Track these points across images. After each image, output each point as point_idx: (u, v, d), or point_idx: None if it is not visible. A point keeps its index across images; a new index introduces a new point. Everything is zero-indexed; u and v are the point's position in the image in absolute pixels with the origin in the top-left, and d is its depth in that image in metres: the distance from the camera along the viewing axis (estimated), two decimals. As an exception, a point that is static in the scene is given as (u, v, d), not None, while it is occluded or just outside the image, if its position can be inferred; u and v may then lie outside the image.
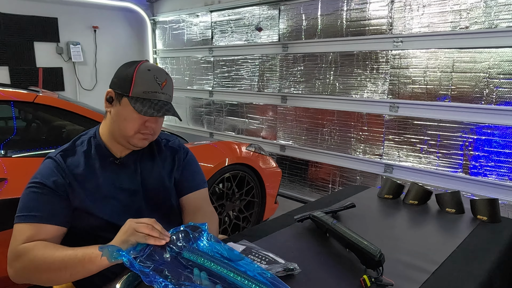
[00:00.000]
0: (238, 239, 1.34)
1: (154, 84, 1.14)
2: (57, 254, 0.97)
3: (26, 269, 0.99)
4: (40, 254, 0.99)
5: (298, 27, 3.81)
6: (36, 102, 2.19)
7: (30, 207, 1.09)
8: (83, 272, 0.96)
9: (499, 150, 2.67)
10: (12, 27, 4.71)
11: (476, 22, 2.67)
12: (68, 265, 0.95)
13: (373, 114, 3.33)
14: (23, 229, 1.06)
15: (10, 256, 1.03)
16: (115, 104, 1.18)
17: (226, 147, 2.86)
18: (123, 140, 1.19)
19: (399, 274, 1.13)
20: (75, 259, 0.95)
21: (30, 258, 0.99)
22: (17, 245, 1.03)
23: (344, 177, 3.64)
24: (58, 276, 0.97)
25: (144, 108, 1.12)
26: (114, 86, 1.18)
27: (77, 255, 0.95)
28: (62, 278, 0.98)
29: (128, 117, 1.14)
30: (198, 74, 5.15)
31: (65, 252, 0.98)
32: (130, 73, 1.15)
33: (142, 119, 1.15)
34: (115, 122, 1.18)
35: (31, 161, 2.13)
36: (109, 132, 1.21)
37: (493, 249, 1.32)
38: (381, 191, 1.90)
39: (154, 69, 1.17)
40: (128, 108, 1.14)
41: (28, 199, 1.11)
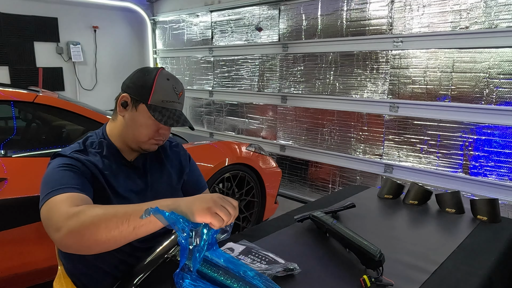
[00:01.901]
0: (238, 239, 1.34)
1: (173, 94, 1.16)
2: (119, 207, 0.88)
3: (82, 225, 0.86)
4: (98, 209, 0.89)
5: (298, 27, 3.81)
6: (36, 102, 2.19)
7: (65, 182, 1.02)
8: (148, 227, 0.86)
9: (499, 150, 2.67)
10: (12, 27, 4.71)
11: (476, 22, 2.67)
12: (132, 217, 0.85)
13: (373, 114, 3.33)
14: (65, 198, 0.97)
15: (59, 219, 0.90)
16: (130, 109, 1.17)
17: (226, 147, 2.86)
18: (134, 145, 1.20)
19: (399, 274, 1.13)
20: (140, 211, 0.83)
21: (88, 214, 0.87)
22: (66, 208, 0.92)
23: (344, 177, 3.64)
24: (119, 230, 0.84)
25: (164, 118, 1.13)
26: (131, 91, 1.17)
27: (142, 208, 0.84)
28: (123, 233, 0.85)
29: (144, 123, 1.16)
30: (198, 74, 5.15)
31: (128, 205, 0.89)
32: (149, 80, 1.15)
33: (157, 127, 1.17)
34: (130, 127, 1.18)
35: (31, 161, 2.13)
36: (119, 135, 1.21)
37: (493, 249, 1.32)
38: (381, 191, 1.89)
39: (172, 78, 1.19)
40: (145, 115, 1.15)
41: (60, 176, 1.05)
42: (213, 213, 0.84)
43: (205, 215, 0.84)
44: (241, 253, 1.22)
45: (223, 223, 0.86)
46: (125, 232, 0.85)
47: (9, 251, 1.98)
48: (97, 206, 0.91)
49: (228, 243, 1.29)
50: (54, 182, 1.03)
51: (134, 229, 0.85)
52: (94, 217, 0.86)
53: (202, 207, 0.85)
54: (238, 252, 1.23)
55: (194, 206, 0.85)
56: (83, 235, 0.86)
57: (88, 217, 0.87)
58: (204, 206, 0.85)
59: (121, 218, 0.85)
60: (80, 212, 0.89)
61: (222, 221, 0.86)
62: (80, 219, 0.87)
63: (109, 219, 0.85)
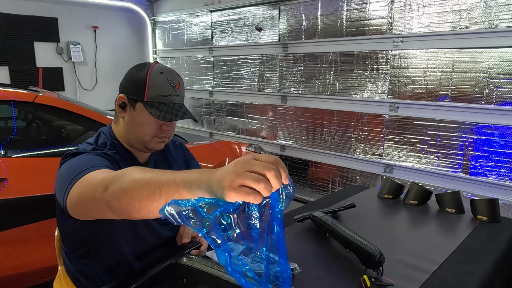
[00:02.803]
0: (238, 239, 1.34)
1: (168, 87, 1.13)
2: (156, 173, 0.75)
3: (121, 188, 0.77)
4: (137, 172, 0.78)
5: (298, 27, 3.81)
6: (36, 102, 2.20)
7: (91, 164, 0.96)
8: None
9: (499, 150, 2.67)
10: (12, 27, 4.71)
11: (476, 22, 2.67)
12: (164, 188, 0.71)
13: (373, 114, 3.33)
14: (101, 171, 0.90)
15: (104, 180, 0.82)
16: (128, 109, 1.15)
17: (226, 147, 2.86)
18: (139, 145, 1.17)
19: (399, 274, 1.13)
20: (173, 183, 0.70)
21: (128, 176, 0.78)
22: (106, 174, 0.85)
23: (344, 177, 3.63)
24: (150, 200, 0.72)
25: (162, 113, 1.10)
26: (126, 91, 1.15)
27: (176, 179, 0.70)
28: (154, 204, 0.72)
29: (144, 122, 1.13)
30: (198, 74, 5.15)
31: (165, 172, 0.75)
32: (142, 77, 1.12)
33: (158, 123, 1.14)
34: (131, 128, 1.15)
35: (31, 161, 2.13)
36: (124, 137, 1.19)
37: (493, 249, 1.32)
38: (381, 191, 1.89)
39: (167, 71, 1.15)
40: (144, 113, 1.12)
41: (86, 159, 0.99)
42: (239, 188, 0.60)
43: (229, 193, 0.60)
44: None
45: (261, 194, 0.60)
46: (157, 204, 0.72)
47: (9, 251, 1.98)
48: (137, 169, 0.80)
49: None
50: (81, 165, 0.95)
51: (166, 202, 0.71)
52: (132, 180, 0.77)
53: (224, 185, 0.61)
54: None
55: (219, 185, 0.62)
56: (120, 198, 0.77)
57: (127, 180, 0.77)
58: (226, 183, 0.60)
59: (153, 187, 0.72)
60: (122, 174, 0.80)
61: (256, 193, 0.60)
62: (121, 181, 0.79)
63: (143, 186, 0.74)
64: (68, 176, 0.94)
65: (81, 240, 1.12)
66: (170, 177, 0.71)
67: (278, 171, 0.61)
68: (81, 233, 1.10)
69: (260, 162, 0.61)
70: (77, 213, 0.93)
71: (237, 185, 0.59)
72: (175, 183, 0.69)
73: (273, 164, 0.61)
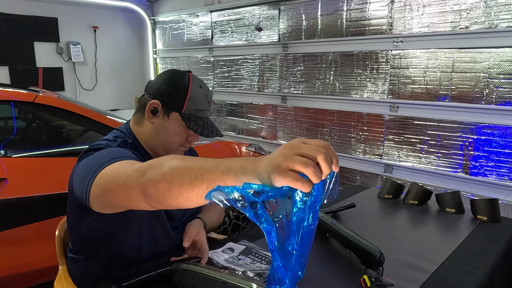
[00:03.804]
0: (238, 239, 1.34)
1: (205, 102, 1.15)
2: (197, 160, 0.73)
3: (161, 174, 0.74)
4: (178, 158, 0.76)
5: (298, 27, 3.81)
6: (36, 102, 2.19)
7: (122, 154, 0.94)
8: None
9: (499, 150, 2.67)
10: (12, 27, 4.71)
11: (476, 22, 2.67)
12: (206, 174, 0.68)
13: (373, 114, 3.33)
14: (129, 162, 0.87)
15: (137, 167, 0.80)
16: (162, 117, 1.14)
17: (226, 147, 2.86)
18: (162, 151, 1.17)
19: (399, 274, 1.13)
20: (216, 169, 0.67)
21: (167, 163, 0.75)
22: (140, 164, 0.82)
23: (344, 177, 3.64)
24: (191, 186, 0.69)
25: (199, 128, 1.12)
26: (162, 98, 1.13)
27: (219, 166, 0.67)
28: (195, 191, 0.69)
29: (176, 132, 1.14)
30: (198, 74, 5.15)
31: (207, 159, 0.72)
32: (183, 88, 1.12)
33: (187, 134, 1.16)
34: (160, 134, 1.15)
35: (31, 161, 2.13)
36: (147, 141, 1.18)
37: (493, 249, 1.32)
38: (381, 191, 1.89)
39: (204, 85, 1.18)
40: (178, 123, 1.13)
41: (113, 150, 0.98)
42: (286, 172, 0.56)
43: (278, 177, 0.56)
44: (241, 253, 1.22)
45: (311, 180, 0.56)
46: (197, 190, 0.69)
47: (9, 251, 1.98)
48: (177, 156, 0.78)
49: (228, 243, 1.29)
50: (109, 155, 0.92)
51: (207, 189, 0.67)
52: (172, 166, 0.74)
53: (272, 169, 0.57)
54: (238, 252, 1.23)
55: (265, 170, 0.59)
56: (158, 184, 0.73)
57: (166, 166, 0.75)
58: (273, 166, 0.57)
59: (195, 173, 0.69)
60: (161, 161, 0.77)
61: (304, 180, 0.56)
62: (160, 167, 0.75)
63: (184, 172, 0.71)
64: (94, 165, 0.91)
65: (94, 242, 1.11)
66: (213, 164, 0.69)
67: (328, 155, 0.57)
68: (97, 233, 1.08)
69: (310, 145, 0.58)
70: (101, 203, 0.89)
71: (284, 168, 0.56)
72: (219, 169, 0.66)
73: (324, 147, 0.58)
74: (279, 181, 0.57)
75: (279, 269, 0.65)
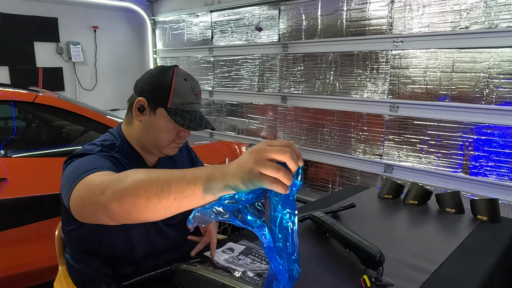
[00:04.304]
0: (238, 239, 1.34)
1: (191, 95, 1.12)
2: (163, 172, 0.73)
3: (124, 188, 0.75)
4: (142, 172, 0.76)
5: (298, 27, 3.81)
6: (36, 102, 2.19)
7: (97, 165, 0.95)
8: (192, 200, 0.68)
9: (499, 150, 2.67)
10: (12, 27, 4.71)
11: (476, 22, 2.67)
12: (173, 185, 0.68)
13: (373, 114, 3.33)
14: (103, 172, 0.89)
15: (103, 183, 0.80)
16: (147, 113, 1.12)
17: (226, 147, 2.86)
18: (154, 150, 1.16)
19: (399, 274, 1.13)
20: (183, 179, 0.68)
21: (131, 177, 0.76)
22: (107, 176, 0.84)
23: (344, 177, 3.63)
24: (158, 198, 0.70)
25: (186, 121, 1.09)
26: (147, 95, 1.12)
27: (186, 175, 0.68)
28: (163, 203, 0.70)
29: (164, 128, 1.11)
30: (198, 74, 5.15)
31: (173, 170, 0.73)
32: (167, 82, 1.10)
33: (177, 130, 1.13)
34: (149, 132, 1.13)
35: (31, 161, 2.13)
36: (138, 140, 1.16)
37: (493, 249, 1.32)
38: (381, 191, 1.89)
39: (190, 78, 1.14)
40: (165, 119, 1.10)
41: (90, 160, 0.99)
42: (260, 176, 0.59)
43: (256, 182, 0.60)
44: (241, 253, 1.22)
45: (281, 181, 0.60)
46: (165, 202, 0.69)
47: (9, 251, 1.98)
48: (141, 170, 0.79)
49: (228, 243, 1.29)
50: (85, 166, 0.93)
51: (175, 200, 0.69)
52: (136, 180, 0.74)
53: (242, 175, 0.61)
54: (238, 252, 1.23)
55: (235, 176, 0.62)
56: (122, 198, 0.74)
57: (130, 180, 0.75)
58: (245, 171, 0.60)
59: (162, 184, 0.69)
60: (124, 175, 0.78)
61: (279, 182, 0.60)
62: (123, 182, 0.76)
63: (150, 184, 0.71)
64: (71, 177, 0.92)
65: (87, 245, 1.12)
66: (179, 174, 0.69)
67: (293, 153, 0.61)
68: (88, 238, 1.09)
69: (275, 147, 0.61)
70: (79, 216, 0.91)
71: (257, 173, 0.59)
72: (186, 179, 0.67)
73: (288, 146, 0.62)
74: (255, 185, 0.60)
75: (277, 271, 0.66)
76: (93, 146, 1.11)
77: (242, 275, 1.04)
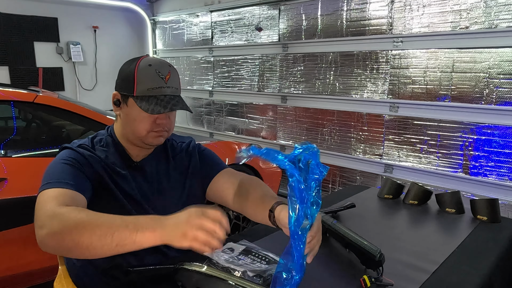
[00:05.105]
0: (238, 239, 1.34)
1: (157, 79, 1.10)
2: (105, 218, 0.84)
3: (65, 227, 0.83)
4: (84, 214, 0.86)
5: (298, 27, 3.81)
6: (36, 102, 2.20)
7: (62, 177, 1.02)
8: (132, 247, 0.81)
9: (499, 150, 2.67)
10: (12, 27, 4.71)
11: (476, 22, 2.67)
12: (116, 232, 0.80)
13: (373, 114, 3.33)
14: (56, 194, 0.96)
15: (43, 217, 0.89)
16: (122, 106, 1.15)
17: (226, 147, 2.86)
18: (138, 141, 1.16)
19: (399, 274, 1.13)
20: (125, 228, 0.80)
21: (72, 217, 0.85)
22: (53, 207, 0.90)
23: (344, 177, 3.64)
24: (100, 243, 0.81)
25: (151, 106, 1.08)
26: (118, 88, 1.15)
27: (128, 225, 0.81)
28: (104, 248, 0.81)
29: (138, 117, 1.11)
30: (198, 74, 5.15)
31: (115, 217, 0.84)
32: (131, 72, 1.11)
33: (152, 117, 1.12)
34: (127, 124, 1.15)
35: (31, 161, 2.13)
36: (122, 134, 1.19)
37: (493, 249, 1.32)
38: (381, 191, 1.89)
39: (155, 63, 1.13)
40: (135, 108, 1.10)
41: (59, 170, 1.05)
42: (191, 239, 0.80)
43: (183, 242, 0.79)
44: (241, 253, 1.22)
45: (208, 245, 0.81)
46: (106, 247, 0.81)
47: (9, 251, 1.98)
48: (84, 210, 0.89)
49: (228, 243, 1.29)
50: (52, 175, 1.04)
51: (116, 246, 0.81)
52: (78, 221, 0.83)
53: (177, 234, 0.80)
54: (238, 252, 1.23)
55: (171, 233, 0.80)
56: (63, 238, 0.83)
57: (71, 221, 0.84)
58: (179, 232, 0.80)
59: (105, 231, 0.81)
60: (65, 214, 0.86)
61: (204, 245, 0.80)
62: (63, 221, 0.84)
63: (92, 229, 0.82)
64: (42, 181, 1.03)
65: None
66: (122, 223, 0.81)
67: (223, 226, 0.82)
68: None
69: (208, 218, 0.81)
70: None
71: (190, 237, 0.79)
72: (128, 229, 0.80)
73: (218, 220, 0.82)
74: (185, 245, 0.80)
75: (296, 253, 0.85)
76: (84, 140, 1.19)
77: (242, 275, 1.03)
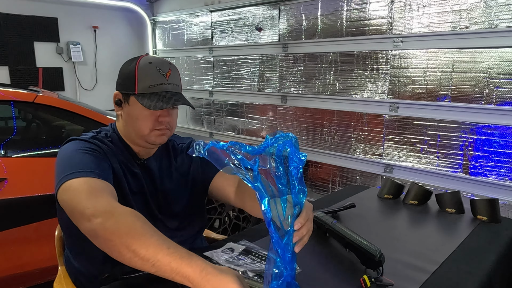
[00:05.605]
0: (238, 239, 1.34)
1: (158, 76, 1.11)
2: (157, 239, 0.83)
3: (117, 231, 0.83)
4: (139, 226, 0.85)
5: (298, 27, 3.81)
6: (36, 102, 2.20)
7: (83, 166, 0.99)
8: (164, 277, 0.83)
9: (499, 150, 2.67)
10: (12, 27, 4.71)
11: (476, 22, 2.67)
12: (158, 263, 0.81)
13: (373, 114, 3.33)
14: (84, 183, 0.94)
15: (97, 206, 0.88)
16: (124, 105, 1.15)
17: (226, 147, 2.86)
18: (141, 140, 1.16)
19: (399, 274, 1.13)
20: (168, 265, 0.80)
21: (129, 222, 0.85)
22: (110, 200, 0.91)
23: (344, 177, 3.63)
24: (141, 263, 0.81)
25: (153, 102, 1.08)
26: (120, 87, 1.16)
27: (172, 268, 0.80)
28: (143, 266, 0.82)
29: (140, 115, 1.11)
30: (198, 74, 5.15)
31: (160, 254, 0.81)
32: (131, 70, 1.12)
33: (154, 115, 1.12)
34: (129, 123, 1.15)
35: (31, 161, 2.13)
36: (125, 134, 1.19)
37: (493, 249, 1.32)
38: (381, 191, 1.89)
39: (156, 61, 1.14)
40: (137, 106, 1.11)
41: (78, 158, 1.02)
42: None
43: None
44: (241, 253, 1.22)
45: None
46: (144, 268, 0.82)
47: (9, 251, 1.98)
48: (140, 219, 0.87)
49: (228, 243, 1.29)
50: (73, 164, 0.99)
51: (152, 270, 0.81)
52: (132, 232, 0.83)
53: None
54: (238, 252, 1.23)
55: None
56: (112, 239, 0.83)
57: (126, 227, 0.84)
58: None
59: (150, 255, 0.81)
60: (122, 215, 0.87)
61: None
62: (118, 222, 0.84)
63: (140, 245, 0.81)
64: (58, 173, 0.99)
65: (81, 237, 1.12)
66: (167, 259, 0.80)
67: None
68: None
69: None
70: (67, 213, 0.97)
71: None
72: (170, 266, 0.80)
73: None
74: None
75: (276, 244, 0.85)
76: (90, 133, 1.18)
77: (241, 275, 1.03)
